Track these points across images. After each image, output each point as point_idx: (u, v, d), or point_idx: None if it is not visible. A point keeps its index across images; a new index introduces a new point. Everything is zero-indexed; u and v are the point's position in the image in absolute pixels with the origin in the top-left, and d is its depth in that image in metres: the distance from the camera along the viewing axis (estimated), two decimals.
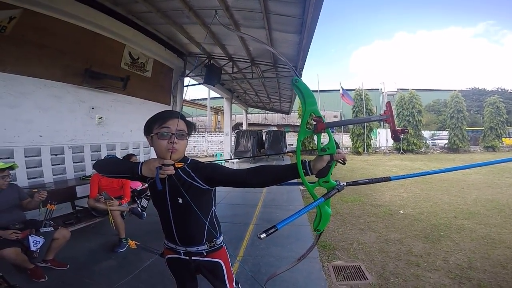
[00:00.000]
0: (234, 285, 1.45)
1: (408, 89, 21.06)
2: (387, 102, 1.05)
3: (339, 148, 0.99)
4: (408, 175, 1.19)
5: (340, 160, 1.03)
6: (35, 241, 2.47)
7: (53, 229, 2.69)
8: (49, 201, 2.74)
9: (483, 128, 21.08)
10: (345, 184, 1.04)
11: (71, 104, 4.25)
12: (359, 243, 3.65)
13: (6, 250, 2.30)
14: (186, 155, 1.33)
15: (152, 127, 1.24)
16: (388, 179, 1.09)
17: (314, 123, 0.95)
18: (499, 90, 35.57)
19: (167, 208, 1.28)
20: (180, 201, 1.24)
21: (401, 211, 5.12)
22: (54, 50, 3.88)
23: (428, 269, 2.90)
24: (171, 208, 1.27)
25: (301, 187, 7.57)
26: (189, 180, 1.24)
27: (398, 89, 32.85)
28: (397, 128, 1.00)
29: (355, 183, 1.10)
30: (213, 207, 1.36)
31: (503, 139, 20.43)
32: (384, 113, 1.00)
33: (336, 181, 1.04)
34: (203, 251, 1.34)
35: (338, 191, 1.02)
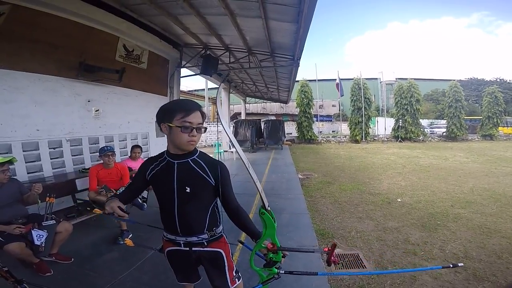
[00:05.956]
0: (234, 274, 1.47)
1: (406, 79, 20.97)
2: (332, 244, 1.26)
3: (283, 257, 1.30)
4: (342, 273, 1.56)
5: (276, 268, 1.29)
6: (38, 235, 2.49)
7: (55, 222, 2.70)
8: (48, 194, 2.74)
9: (481, 117, 21.17)
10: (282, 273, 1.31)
11: (67, 98, 4.21)
12: (358, 231, 3.71)
13: (10, 245, 2.32)
14: None
15: (173, 116, 1.23)
16: (315, 273, 1.39)
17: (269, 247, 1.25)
18: (498, 80, 35.51)
19: (173, 197, 1.31)
20: (188, 190, 1.28)
21: (399, 200, 5.19)
22: (47, 44, 3.81)
23: (424, 257, 2.95)
24: (177, 197, 1.31)
25: (300, 175, 7.63)
26: (202, 173, 1.30)
27: (396, 79, 32.70)
28: (331, 259, 1.25)
29: (291, 272, 1.33)
30: (217, 197, 1.39)
31: (500, 128, 20.55)
32: (327, 249, 1.26)
33: (277, 267, 1.29)
34: (204, 241, 1.36)
35: (276, 279, 1.31)
